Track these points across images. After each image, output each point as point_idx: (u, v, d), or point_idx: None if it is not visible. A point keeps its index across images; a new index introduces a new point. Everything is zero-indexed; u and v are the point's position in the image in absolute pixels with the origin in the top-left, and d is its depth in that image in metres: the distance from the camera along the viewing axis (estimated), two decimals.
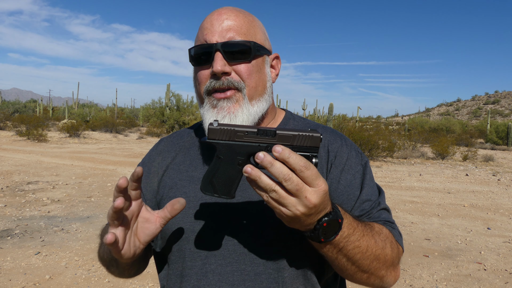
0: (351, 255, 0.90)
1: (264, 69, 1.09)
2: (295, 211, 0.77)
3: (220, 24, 1.03)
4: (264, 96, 1.08)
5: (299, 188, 0.75)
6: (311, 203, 0.76)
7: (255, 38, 1.06)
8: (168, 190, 1.12)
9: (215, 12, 1.07)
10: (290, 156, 0.75)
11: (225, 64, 1.01)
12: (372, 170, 13.76)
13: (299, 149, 0.80)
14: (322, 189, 0.77)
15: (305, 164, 0.75)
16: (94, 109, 48.49)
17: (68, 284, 4.22)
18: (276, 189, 0.76)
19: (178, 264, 1.06)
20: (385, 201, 1.12)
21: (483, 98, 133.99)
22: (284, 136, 0.81)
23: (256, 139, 0.82)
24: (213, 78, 1.03)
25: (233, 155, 0.83)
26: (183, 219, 1.07)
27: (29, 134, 20.34)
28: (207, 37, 1.04)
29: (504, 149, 25.46)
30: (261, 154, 0.76)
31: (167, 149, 1.22)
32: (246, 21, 1.06)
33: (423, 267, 5.03)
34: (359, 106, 29.50)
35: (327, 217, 0.82)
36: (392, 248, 0.98)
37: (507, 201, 9.19)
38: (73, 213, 6.95)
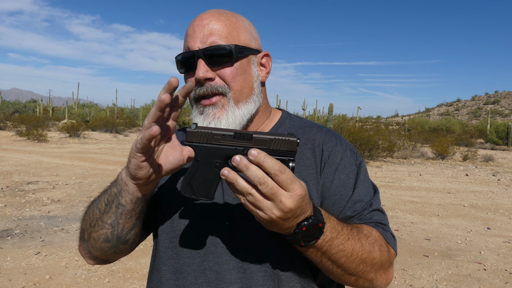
0: (335, 258, 0.90)
1: (249, 70, 1.08)
2: (271, 215, 0.78)
3: (201, 30, 1.04)
4: (251, 98, 1.07)
5: (274, 192, 0.76)
6: (286, 207, 0.77)
7: (238, 40, 1.05)
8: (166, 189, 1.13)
9: (197, 17, 1.07)
10: (265, 160, 0.75)
11: (207, 70, 1.02)
12: (372, 170, 13.80)
13: (276, 153, 0.81)
14: (298, 193, 0.77)
15: (280, 168, 0.76)
16: (94, 109, 48.48)
17: (68, 284, 4.22)
18: (252, 192, 0.77)
19: (175, 261, 1.07)
20: (379, 202, 1.11)
21: (483, 98, 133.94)
22: (260, 140, 0.81)
23: (233, 143, 0.83)
24: (197, 85, 1.04)
25: (211, 158, 0.84)
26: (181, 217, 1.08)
27: (29, 134, 20.33)
28: (190, 44, 1.05)
29: (504, 149, 25.46)
30: (237, 157, 0.77)
31: None
32: (228, 23, 1.05)
33: (423, 267, 5.03)
34: (359, 106, 29.50)
35: (307, 221, 0.82)
36: (381, 251, 0.98)
37: (507, 201, 9.19)
38: (73, 213, 6.95)
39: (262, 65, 1.14)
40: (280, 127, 1.17)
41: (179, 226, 1.07)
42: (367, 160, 16.46)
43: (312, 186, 1.06)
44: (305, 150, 1.11)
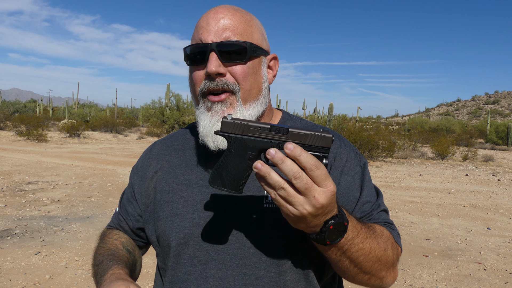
0: (355, 257, 0.90)
1: (260, 70, 1.06)
2: (302, 210, 0.77)
3: (216, 23, 1.01)
4: (259, 99, 1.06)
5: (308, 187, 0.75)
6: (319, 203, 0.76)
7: (251, 38, 1.03)
8: (166, 194, 1.10)
9: (212, 10, 1.04)
10: (301, 154, 0.74)
11: (219, 65, 0.99)
12: (372, 170, 13.80)
13: (310, 149, 0.80)
14: (331, 190, 0.77)
15: (316, 163, 0.75)
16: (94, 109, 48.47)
17: (68, 284, 4.22)
18: (285, 186, 0.75)
19: (177, 270, 1.04)
20: (384, 203, 1.12)
21: (483, 98, 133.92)
22: (296, 134, 0.81)
23: (269, 135, 0.81)
24: (207, 79, 1.01)
25: (244, 150, 0.83)
26: (181, 224, 1.05)
27: (29, 134, 20.33)
28: (202, 36, 1.01)
29: (504, 149, 25.46)
30: (272, 150, 0.75)
31: (161, 152, 1.19)
32: (243, 20, 1.03)
33: (423, 267, 5.03)
34: (359, 106, 29.50)
35: (334, 219, 0.82)
36: (393, 249, 0.99)
37: (507, 201, 9.19)
38: (73, 213, 6.95)
39: (270, 67, 1.12)
40: None
41: (180, 235, 1.04)
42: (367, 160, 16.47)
43: None
44: None
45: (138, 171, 1.21)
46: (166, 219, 1.07)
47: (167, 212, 1.08)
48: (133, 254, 1.14)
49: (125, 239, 1.18)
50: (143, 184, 1.17)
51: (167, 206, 1.08)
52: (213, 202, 1.05)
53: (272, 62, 1.13)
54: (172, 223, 1.06)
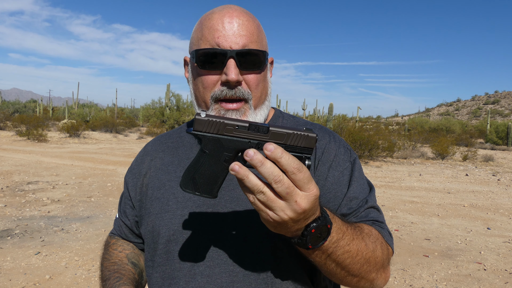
0: (341, 260, 0.86)
1: (267, 76, 1.08)
2: (283, 216, 0.72)
3: (232, 28, 0.99)
4: (265, 103, 1.08)
5: (290, 192, 0.70)
6: (301, 208, 0.71)
7: (263, 46, 1.03)
8: (157, 191, 1.11)
9: (225, 12, 1.01)
10: (282, 156, 0.69)
11: (238, 73, 0.98)
12: (372, 170, 13.80)
13: (292, 149, 0.74)
14: (314, 193, 0.72)
15: (298, 166, 0.70)
16: (94, 109, 48.47)
17: (68, 284, 4.22)
18: (264, 190, 0.70)
19: (166, 266, 1.05)
20: (374, 200, 1.09)
21: (483, 98, 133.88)
22: (277, 134, 0.74)
23: (247, 135, 0.75)
24: (225, 86, 1.00)
25: (220, 150, 0.76)
26: (171, 220, 1.05)
27: (29, 134, 20.33)
28: (220, 41, 0.98)
29: (504, 149, 25.46)
30: (251, 151, 0.69)
31: (155, 149, 1.21)
32: (255, 26, 1.03)
33: (423, 267, 5.03)
34: (359, 106, 29.50)
35: (316, 222, 0.77)
36: (383, 249, 0.96)
37: (507, 201, 9.19)
38: (73, 213, 6.95)
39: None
40: None
41: (169, 231, 1.05)
42: (367, 160, 16.47)
43: None
44: None
45: (132, 169, 1.23)
46: (157, 215, 1.08)
47: (157, 209, 1.09)
48: (138, 266, 1.17)
49: (129, 251, 1.20)
50: (137, 181, 1.18)
51: (158, 202, 1.09)
52: (202, 199, 1.05)
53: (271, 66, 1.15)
54: (162, 219, 1.07)
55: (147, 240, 1.11)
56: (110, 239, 1.27)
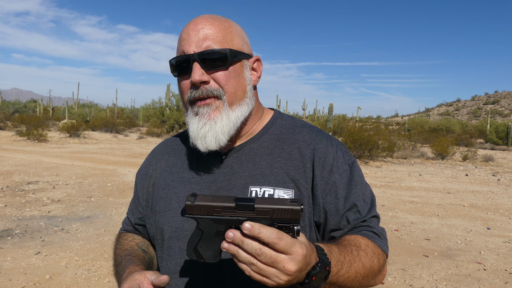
0: (342, 284, 0.94)
1: (243, 73, 1.10)
2: (278, 281, 0.78)
3: (196, 34, 1.05)
4: (244, 100, 1.10)
5: (274, 260, 0.76)
6: (290, 271, 0.77)
7: (231, 45, 1.07)
8: (161, 190, 1.19)
9: (191, 22, 1.09)
10: (260, 232, 0.75)
11: (203, 74, 1.04)
12: (372, 170, 13.81)
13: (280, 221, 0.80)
14: (299, 254, 0.77)
15: (277, 236, 0.75)
16: (94, 109, 48.47)
17: (68, 284, 4.22)
18: (254, 262, 0.77)
19: (168, 262, 1.12)
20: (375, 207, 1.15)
21: (483, 98, 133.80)
22: (262, 211, 0.79)
23: (235, 214, 0.81)
24: (192, 88, 1.06)
25: (213, 228, 0.84)
26: (173, 218, 1.12)
27: (29, 134, 20.33)
28: (185, 48, 1.06)
29: (504, 149, 25.45)
30: (230, 233, 0.77)
31: (161, 152, 1.29)
32: (222, 28, 1.08)
33: (423, 267, 5.03)
34: (359, 106, 29.51)
35: (314, 270, 0.83)
36: (379, 260, 1.04)
37: (507, 201, 9.19)
38: (73, 213, 6.95)
39: (254, 69, 1.16)
40: (271, 127, 1.19)
41: (171, 229, 1.12)
42: (367, 160, 16.47)
43: (301, 186, 1.08)
44: (294, 150, 1.13)
45: (141, 171, 1.31)
46: (161, 214, 1.16)
47: (162, 207, 1.16)
48: (148, 253, 1.23)
49: (139, 240, 1.28)
50: (145, 182, 1.26)
51: (162, 201, 1.17)
52: None
53: (255, 64, 1.17)
54: (165, 217, 1.14)
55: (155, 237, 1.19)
56: (120, 233, 1.36)
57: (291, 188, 1.07)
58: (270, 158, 1.12)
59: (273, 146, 1.14)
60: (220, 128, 1.05)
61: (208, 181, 1.12)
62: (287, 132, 1.17)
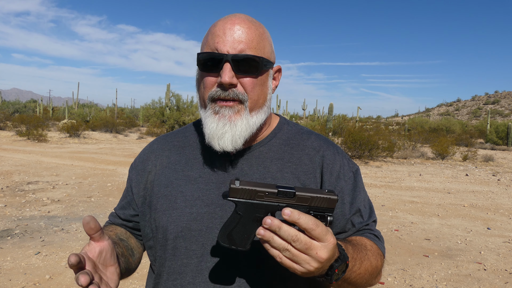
0: (353, 281, 0.99)
1: (267, 82, 1.11)
2: (308, 268, 0.82)
3: (232, 34, 1.04)
4: (263, 108, 1.11)
5: (308, 247, 0.80)
6: (322, 258, 0.81)
7: (263, 52, 1.07)
8: (164, 188, 1.15)
9: (228, 19, 1.07)
10: (299, 218, 0.79)
11: (233, 76, 1.03)
12: (372, 170, 13.81)
13: (316, 210, 0.85)
14: (332, 243, 0.82)
15: (314, 223, 0.80)
16: (94, 109, 48.48)
17: (68, 284, 4.22)
18: (289, 248, 0.80)
19: (172, 262, 1.09)
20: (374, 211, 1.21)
21: (483, 98, 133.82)
22: (302, 198, 0.85)
23: (276, 200, 0.85)
24: (220, 87, 1.05)
25: (252, 213, 0.86)
26: (179, 218, 1.09)
27: (29, 134, 20.33)
28: (218, 46, 1.04)
29: (504, 149, 25.46)
30: (268, 219, 0.80)
31: (161, 148, 1.24)
32: (257, 33, 1.07)
33: (423, 267, 5.03)
34: (359, 106, 29.53)
35: (337, 263, 0.88)
36: (381, 260, 1.10)
37: (507, 201, 9.19)
38: (73, 213, 6.95)
39: (274, 78, 1.18)
40: (279, 132, 1.21)
41: (177, 228, 1.09)
42: (367, 160, 16.47)
43: None
44: (303, 156, 1.15)
45: (137, 165, 1.25)
46: (164, 212, 1.12)
47: (165, 206, 1.12)
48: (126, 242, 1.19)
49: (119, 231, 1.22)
50: (142, 178, 1.21)
51: (165, 199, 1.13)
52: (211, 199, 1.09)
53: (276, 74, 1.18)
54: (170, 216, 1.10)
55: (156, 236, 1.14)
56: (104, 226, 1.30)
57: None
58: (280, 163, 1.14)
59: (282, 151, 1.16)
60: (239, 131, 1.06)
61: (217, 182, 1.11)
62: (295, 137, 1.20)
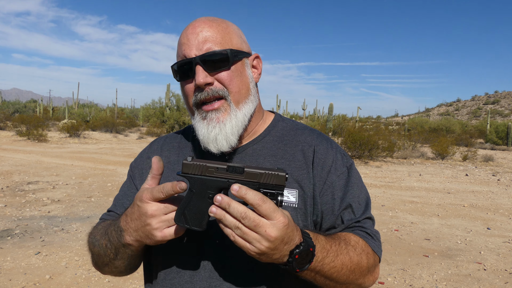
0: (328, 274, 0.96)
1: (245, 72, 1.13)
2: (259, 246, 0.82)
3: (196, 37, 1.07)
4: (249, 98, 1.12)
5: (256, 224, 0.80)
6: (271, 236, 0.81)
7: (231, 45, 1.09)
8: None
9: (189, 26, 1.10)
10: (246, 193, 0.80)
11: (206, 76, 1.05)
12: (372, 170, 13.80)
13: (266, 187, 0.85)
14: (281, 221, 0.81)
15: (261, 198, 0.80)
16: (94, 109, 48.48)
17: (68, 284, 4.22)
18: (239, 226, 0.81)
19: (170, 261, 1.10)
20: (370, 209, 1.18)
21: (483, 98, 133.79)
22: (251, 174, 0.86)
23: (226, 175, 0.87)
24: (197, 90, 1.08)
25: (204, 189, 0.88)
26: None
27: (29, 134, 20.33)
28: (186, 52, 1.07)
29: (504, 149, 25.46)
30: (218, 196, 0.82)
31: (160, 149, 1.26)
32: (220, 29, 1.09)
33: (423, 267, 5.03)
34: (359, 106, 29.54)
35: (298, 249, 0.86)
36: (368, 259, 1.06)
37: (507, 201, 9.19)
38: (73, 213, 6.95)
39: (254, 66, 1.18)
40: (273, 129, 1.21)
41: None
42: (367, 160, 16.47)
43: (305, 186, 1.11)
44: (297, 152, 1.16)
45: (138, 165, 1.27)
46: None
47: None
48: None
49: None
50: (144, 176, 1.23)
51: None
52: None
53: (255, 62, 1.19)
54: None
55: None
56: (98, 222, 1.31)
57: (295, 188, 1.10)
58: (273, 160, 1.14)
59: (276, 148, 1.16)
60: (229, 129, 1.07)
61: None
62: (289, 134, 1.20)
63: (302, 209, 1.09)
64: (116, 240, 1.01)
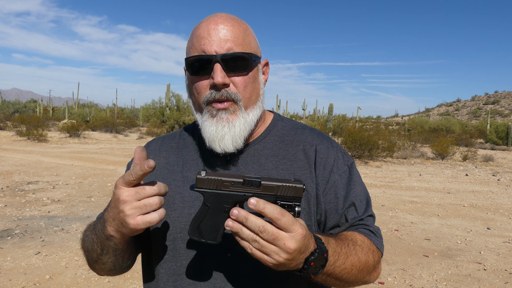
0: (339, 276, 0.97)
1: (258, 77, 1.12)
2: (278, 258, 0.81)
3: (217, 34, 1.04)
4: (257, 104, 1.11)
5: (275, 237, 0.80)
6: (290, 248, 0.81)
7: (250, 48, 1.07)
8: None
9: (211, 20, 1.07)
10: (265, 207, 0.79)
11: (225, 76, 1.03)
12: (372, 170, 13.81)
13: (283, 199, 0.84)
14: (299, 233, 0.81)
15: (280, 212, 0.80)
16: (94, 109, 48.49)
17: (68, 284, 4.22)
18: (257, 239, 0.80)
19: (172, 263, 1.09)
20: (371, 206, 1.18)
21: (483, 98, 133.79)
22: (268, 187, 0.84)
23: (242, 189, 0.85)
24: (213, 89, 1.05)
25: (220, 203, 0.86)
26: (178, 219, 1.09)
27: (29, 134, 20.34)
28: (205, 47, 1.04)
29: (504, 149, 25.46)
30: (235, 211, 0.80)
31: (158, 149, 1.24)
32: (241, 30, 1.07)
33: (423, 267, 5.03)
34: (359, 106, 29.54)
35: (313, 256, 0.86)
36: (374, 256, 1.07)
37: (507, 201, 9.19)
38: (73, 213, 6.96)
39: (263, 72, 1.17)
40: (273, 129, 1.20)
41: (176, 229, 1.08)
42: (367, 160, 16.47)
43: (308, 186, 1.11)
44: (298, 151, 1.15)
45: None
46: None
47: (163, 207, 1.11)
48: None
49: None
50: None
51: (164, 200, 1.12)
52: None
53: (264, 68, 1.18)
54: (168, 217, 1.10)
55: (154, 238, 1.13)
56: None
57: None
58: (275, 160, 1.13)
59: (277, 148, 1.16)
60: (238, 131, 1.06)
61: None
62: (289, 133, 1.19)
63: (306, 209, 1.08)
64: (101, 233, 0.99)
